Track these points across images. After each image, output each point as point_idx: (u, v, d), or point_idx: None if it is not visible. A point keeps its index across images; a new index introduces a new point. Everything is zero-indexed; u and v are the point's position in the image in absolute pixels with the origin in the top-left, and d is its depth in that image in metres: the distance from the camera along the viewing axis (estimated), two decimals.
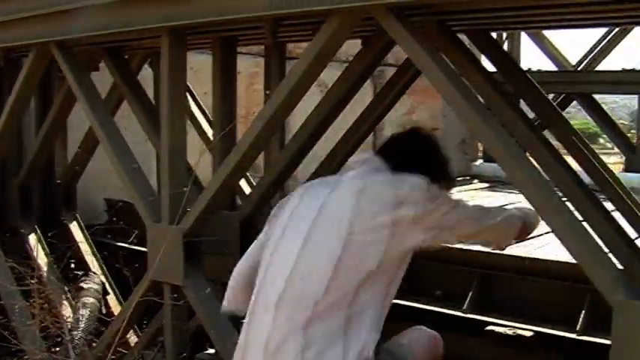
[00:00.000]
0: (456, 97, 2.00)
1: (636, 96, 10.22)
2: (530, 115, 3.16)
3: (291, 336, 1.87)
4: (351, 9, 2.09)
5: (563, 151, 3.17)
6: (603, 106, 10.71)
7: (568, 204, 2.46)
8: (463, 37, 2.80)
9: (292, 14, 2.36)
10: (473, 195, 8.43)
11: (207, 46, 3.16)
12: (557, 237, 1.88)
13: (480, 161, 10.26)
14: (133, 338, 3.31)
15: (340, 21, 2.17)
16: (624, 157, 10.06)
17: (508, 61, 2.75)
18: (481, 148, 10.65)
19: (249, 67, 5.27)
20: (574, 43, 11.52)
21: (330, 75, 2.89)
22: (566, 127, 2.87)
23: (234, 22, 2.63)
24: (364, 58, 2.61)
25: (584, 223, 2.16)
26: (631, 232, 2.97)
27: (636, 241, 2.88)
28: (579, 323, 3.37)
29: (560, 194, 2.39)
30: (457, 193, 8.60)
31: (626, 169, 9.46)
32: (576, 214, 2.36)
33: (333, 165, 3.24)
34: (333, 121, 2.95)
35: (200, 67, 3.94)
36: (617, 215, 3.01)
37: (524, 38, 10.17)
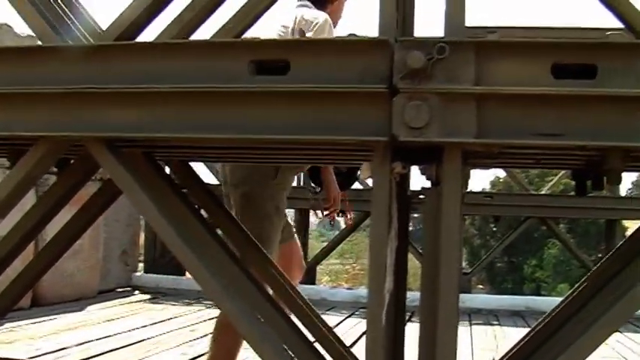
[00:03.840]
0: (159, 221, 2.18)
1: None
2: None
3: None
4: (64, 137, 2.20)
5: None
6: None
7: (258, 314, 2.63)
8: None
9: None
10: (134, 309, 8.28)
11: None
12: (250, 345, 2.07)
13: (140, 272, 10.33)
14: None
15: (49, 147, 2.25)
16: None
17: (203, 188, 3.02)
18: (142, 258, 10.71)
19: None
20: None
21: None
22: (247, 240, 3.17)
23: None
24: (65, 183, 2.65)
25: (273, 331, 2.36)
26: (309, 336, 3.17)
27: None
28: None
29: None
30: (119, 306, 8.33)
31: None
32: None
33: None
34: (22, 252, 2.84)
35: None
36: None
37: None
